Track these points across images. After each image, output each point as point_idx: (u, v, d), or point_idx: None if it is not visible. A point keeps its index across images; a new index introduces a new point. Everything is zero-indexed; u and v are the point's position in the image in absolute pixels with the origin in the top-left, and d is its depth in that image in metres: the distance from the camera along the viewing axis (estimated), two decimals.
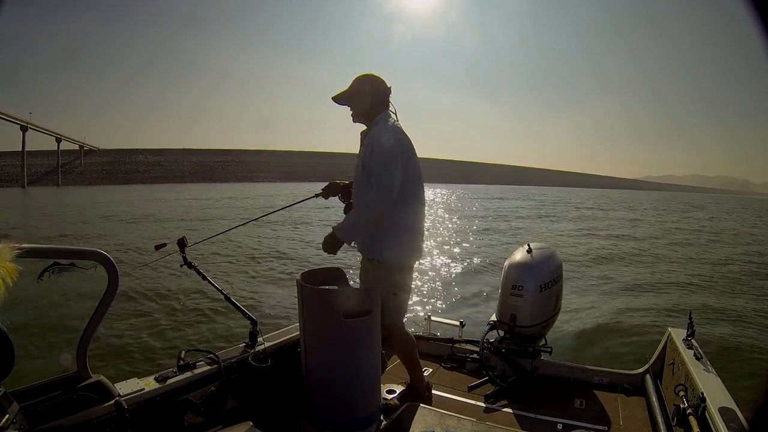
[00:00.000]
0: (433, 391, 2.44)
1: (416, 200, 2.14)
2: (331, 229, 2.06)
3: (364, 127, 2.21)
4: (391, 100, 2.17)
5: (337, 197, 2.34)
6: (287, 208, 2.72)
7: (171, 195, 38.21)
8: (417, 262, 2.27)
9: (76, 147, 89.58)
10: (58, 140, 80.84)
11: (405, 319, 2.30)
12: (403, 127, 2.12)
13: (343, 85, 2.16)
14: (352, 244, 2.14)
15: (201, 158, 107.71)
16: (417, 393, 2.33)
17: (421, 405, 2.04)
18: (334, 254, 2.10)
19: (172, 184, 71.30)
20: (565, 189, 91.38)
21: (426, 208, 2.26)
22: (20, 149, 73.59)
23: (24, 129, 72.05)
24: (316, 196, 2.35)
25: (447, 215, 21.70)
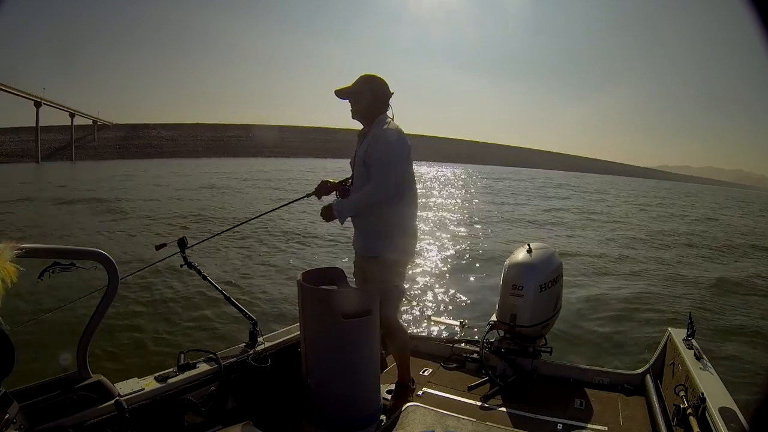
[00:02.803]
0: (434, 391, 2.44)
1: (412, 200, 2.22)
2: (333, 205, 2.15)
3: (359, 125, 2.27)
4: (390, 103, 2.22)
5: (333, 196, 2.36)
6: (279, 209, 2.73)
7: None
8: (411, 261, 2.37)
9: (90, 122, 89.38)
10: (72, 115, 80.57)
11: (401, 313, 2.36)
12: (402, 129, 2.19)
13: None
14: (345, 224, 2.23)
15: (214, 133, 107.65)
16: (405, 388, 2.36)
17: (420, 405, 2.04)
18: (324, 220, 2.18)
19: (186, 159, 71.19)
20: (574, 174, 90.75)
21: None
22: (34, 125, 72.85)
23: (38, 105, 71.37)
24: (308, 196, 2.36)
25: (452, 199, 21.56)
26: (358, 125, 2.27)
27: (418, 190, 2.30)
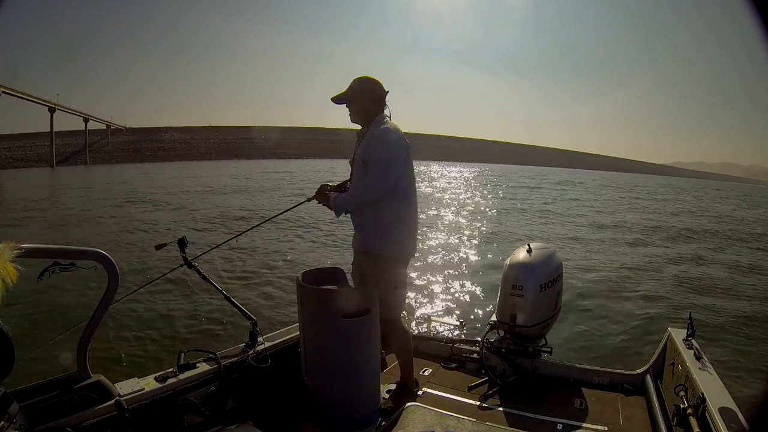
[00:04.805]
0: (434, 391, 2.44)
1: (412, 198, 2.23)
2: (330, 196, 2.18)
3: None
4: (387, 102, 2.23)
5: None
6: (278, 216, 2.74)
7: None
8: (411, 258, 2.33)
9: (104, 126, 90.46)
10: (86, 120, 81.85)
11: (403, 314, 2.36)
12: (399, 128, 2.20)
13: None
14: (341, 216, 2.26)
15: (225, 135, 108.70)
16: (407, 389, 2.36)
17: (420, 405, 2.04)
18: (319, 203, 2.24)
19: (198, 161, 71.68)
20: (585, 171, 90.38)
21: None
22: (48, 130, 73.89)
23: (52, 110, 72.84)
24: (309, 200, 2.35)
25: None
26: (358, 126, 2.28)
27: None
